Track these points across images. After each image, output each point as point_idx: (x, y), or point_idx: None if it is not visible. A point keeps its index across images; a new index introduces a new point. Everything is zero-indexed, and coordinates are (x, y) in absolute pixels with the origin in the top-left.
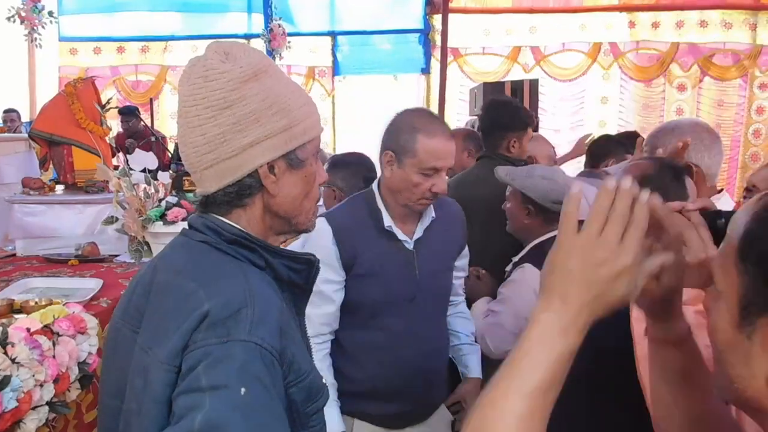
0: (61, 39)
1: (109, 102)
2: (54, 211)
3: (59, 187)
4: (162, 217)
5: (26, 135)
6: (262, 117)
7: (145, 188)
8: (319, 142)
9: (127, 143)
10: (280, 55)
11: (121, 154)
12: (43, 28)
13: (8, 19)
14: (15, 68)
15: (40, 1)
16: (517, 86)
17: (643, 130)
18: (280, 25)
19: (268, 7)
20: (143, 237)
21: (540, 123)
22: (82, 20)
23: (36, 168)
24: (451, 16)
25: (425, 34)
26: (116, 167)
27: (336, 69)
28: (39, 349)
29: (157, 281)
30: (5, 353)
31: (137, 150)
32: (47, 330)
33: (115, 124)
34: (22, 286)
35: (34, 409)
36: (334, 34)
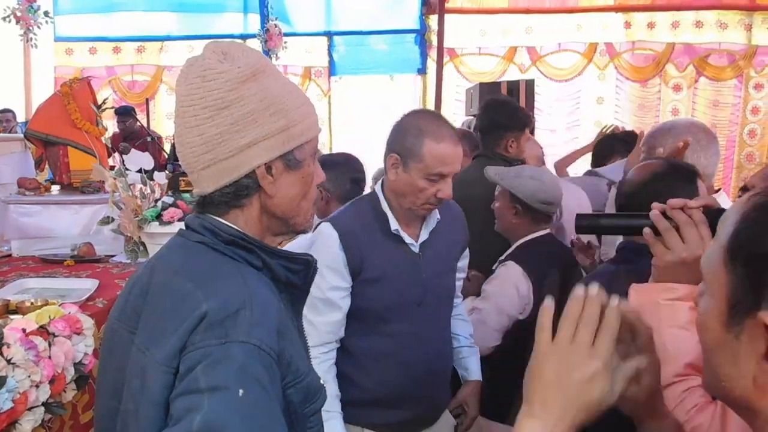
0: (56, 39)
1: (104, 102)
2: (50, 212)
3: (55, 188)
4: (158, 217)
5: (22, 135)
6: (260, 117)
7: (141, 188)
8: (317, 143)
9: (121, 147)
10: (277, 55)
11: (117, 155)
12: (39, 28)
13: (4, 19)
14: (10, 68)
15: (35, 1)
16: (514, 86)
17: (638, 131)
18: (276, 26)
19: (265, 7)
20: (139, 237)
21: (536, 123)
22: (78, 20)
23: (32, 168)
24: (447, 17)
25: (421, 34)
26: (112, 167)
27: (332, 69)
28: (35, 350)
29: (154, 282)
30: (1, 354)
31: (133, 150)
32: (43, 330)
33: (111, 125)
34: (18, 287)
35: (29, 409)
36: (330, 35)
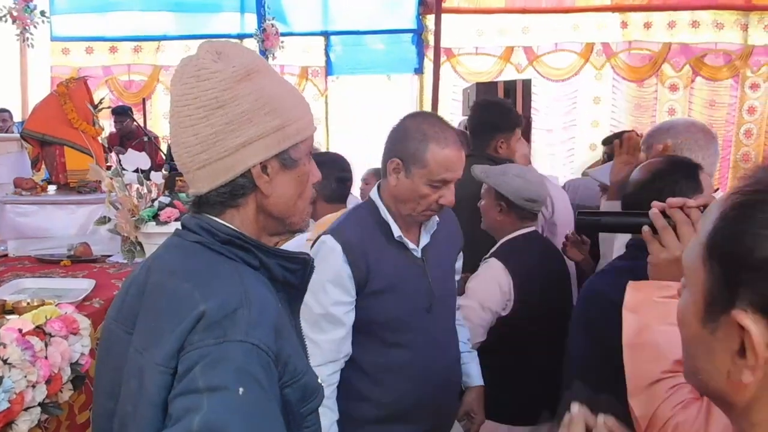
0: (53, 39)
1: (101, 102)
2: (46, 212)
3: (51, 188)
4: (155, 217)
5: (18, 135)
6: (255, 117)
7: (138, 188)
8: (312, 142)
9: (115, 150)
10: (273, 55)
11: (113, 154)
12: (35, 27)
13: (0, 18)
14: (7, 68)
15: (32, 0)
16: (510, 86)
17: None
18: (273, 25)
19: (261, 7)
20: (136, 237)
21: (533, 123)
22: (75, 20)
23: (28, 168)
24: (444, 17)
25: (418, 34)
26: (109, 167)
27: (329, 69)
28: (31, 350)
29: (151, 282)
30: None
31: (129, 150)
32: (39, 331)
33: (107, 124)
34: (14, 287)
35: (26, 410)
36: (327, 34)
